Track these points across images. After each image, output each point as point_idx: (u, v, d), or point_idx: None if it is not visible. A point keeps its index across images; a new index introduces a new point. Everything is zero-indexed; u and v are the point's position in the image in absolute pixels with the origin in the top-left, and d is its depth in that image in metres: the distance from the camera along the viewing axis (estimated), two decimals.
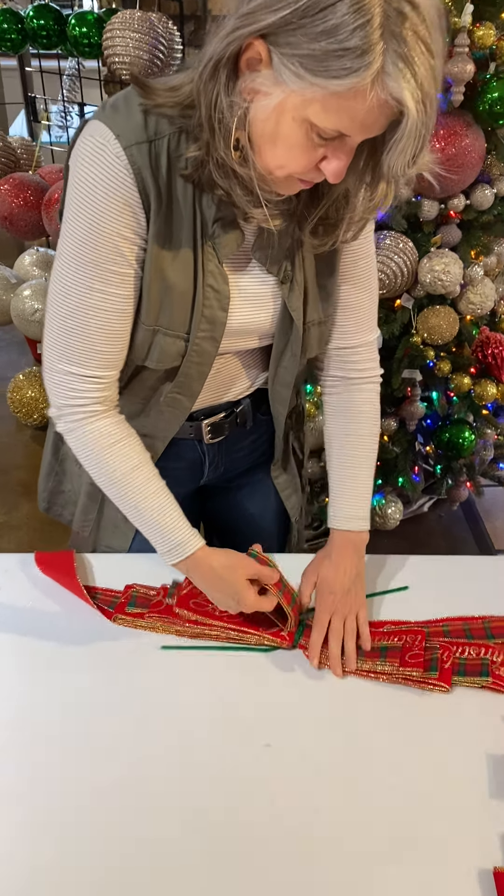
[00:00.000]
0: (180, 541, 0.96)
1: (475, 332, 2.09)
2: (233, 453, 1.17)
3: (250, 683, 0.97)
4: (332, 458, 1.09)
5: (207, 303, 0.89)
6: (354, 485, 1.08)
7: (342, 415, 1.09)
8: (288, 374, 1.02)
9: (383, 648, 0.99)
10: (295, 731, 0.90)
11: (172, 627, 1.03)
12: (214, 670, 0.98)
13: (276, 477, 1.20)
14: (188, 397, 0.99)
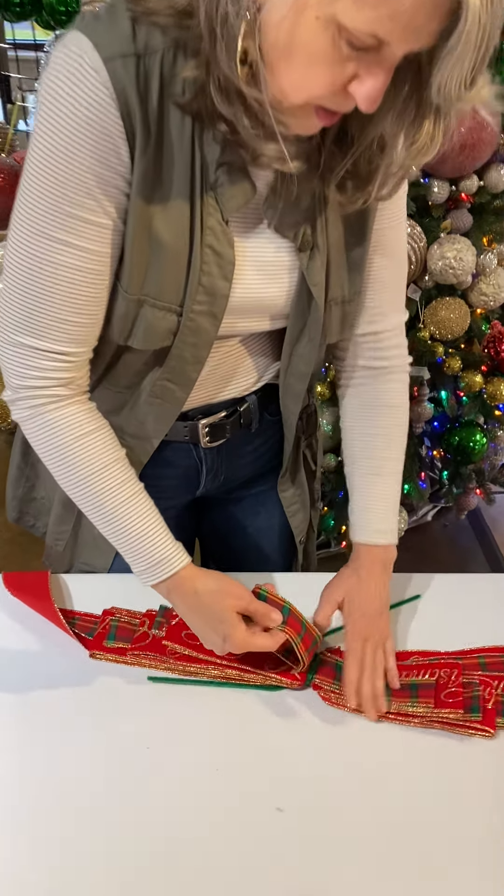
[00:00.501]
0: (161, 557, 0.82)
1: (485, 327, 1.96)
2: (235, 460, 1.01)
3: (254, 731, 0.82)
4: (357, 461, 0.95)
5: (206, 268, 0.74)
6: (385, 493, 0.94)
7: (368, 410, 0.95)
8: (303, 363, 0.87)
9: (413, 686, 0.85)
10: (313, 793, 0.75)
11: (160, 665, 0.88)
12: (211, 713, 0.83)
13: (283, 490, 1.05)
14: (182, 387, 0.83)
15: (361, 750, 0.80)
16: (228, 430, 0.95)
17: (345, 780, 0.77)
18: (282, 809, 0.74)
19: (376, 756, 0.79)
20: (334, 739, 0.81)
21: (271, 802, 0.74)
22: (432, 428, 1.99)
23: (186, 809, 0.74)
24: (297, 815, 0.73)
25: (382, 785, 0.76)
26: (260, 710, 0.84)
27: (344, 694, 0.83)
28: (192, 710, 0.84)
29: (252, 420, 0.97)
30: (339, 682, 0.85)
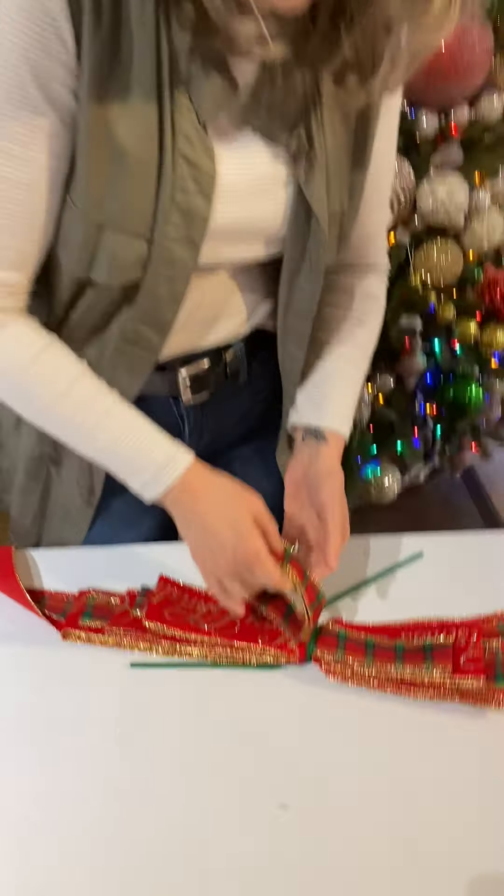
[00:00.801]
0: (164, 459, 0.72)
1: (478, 273, 1.85)
2: (222, 418, 0.92)
3: (250, 718, 0.73)
4: (333, 343, 0.86)
5: (181, 184, 0.63)
6: (357, 377, 0.86)
7: (349, 294, 0.87)
8: (306, 299, 0.77)
9: (427, 647, 0.76)
10: (318, 788, 0.67)
11: (142, 644, 0.79)
12: (201, 700, 0.74)
13: (280, 455, 0.94)
14: (157, 331, 0.73)
15: (371, 737, 0.72)
16: (213, 382, 0.85)
17: (353, 773, 0.68)
18: (286, 806, 0.66)
19: (387, 743, 0.71)
20: (339, 726, 0.73)
21: (273, 799, 0.66)
22: (425, 383, 1.90)
23: (176, 809, 0.65)
24: (301, 814, 0.65)
25: (394, 777, 0.68)
26: (255, 694, 0.76)
27: (327, 671, 0.75)
28: (179, 698, 0.75)
29: (239, 370, 0.87)
30: (342, 652, 0.76)
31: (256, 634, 0.78)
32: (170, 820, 0.64)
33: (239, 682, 0.76)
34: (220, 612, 0.81)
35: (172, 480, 0.73)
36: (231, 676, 0.77)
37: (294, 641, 0.78)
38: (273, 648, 0.77)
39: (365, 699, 0.75)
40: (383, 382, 1.81)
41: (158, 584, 0.83)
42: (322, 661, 0.77)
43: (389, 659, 0.76)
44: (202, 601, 0.82)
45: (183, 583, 0.84)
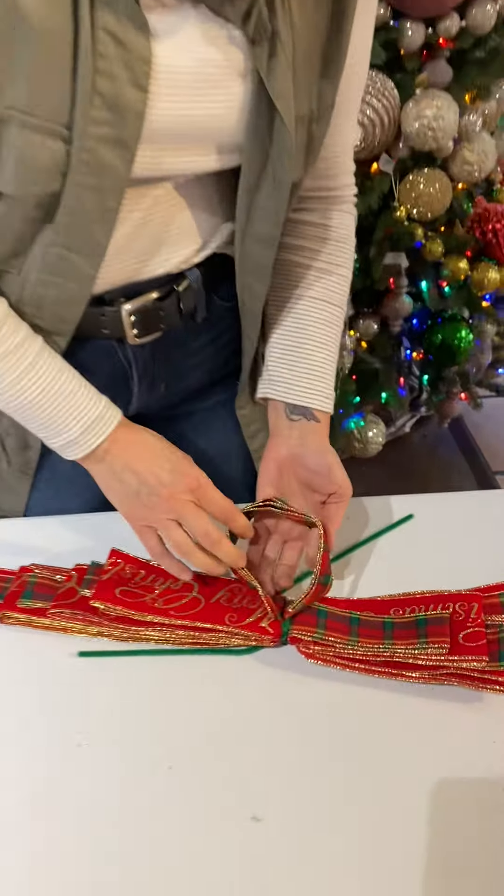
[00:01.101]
0: (95, 417, 0.64)
1: (468, 206, 1.73)
2: (177, 363, 0.80)
3: (217, 714, 0.63)
4: (305, 301, 0.76)
5: (104, 66, 0.51)
6: (336, 339, 0.77)
7: (316, 238, 0.76)
8: (268, 221, 0.65)
9: (421, 622, 0.66)
10: (299, 792, 0.57)
11: (92, 628, 0.68)
12: (160, 692, 0.64)
13: (240, 407, 0.84)
14: (87, 257, 0.61)
15: (358, 729, 0.62)
16: (164, 319, 0.73)
17: (337, 772, 0.59)
18: (259, 819, 0.56)
19: (377, 736, 0.62)
20: (320, 717, 0.63)
21: (244, 810, 0.56)
22: (411, 326, 1.79)
23: (134, 824, 0.56)
24: (277, 827, 0.55)
25: (385, 777, 0.59)
26: (224, 682, 0.66)
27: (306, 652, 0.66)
28: (136, 691, 0.65)
29: (196, 306, 0.75)
30: (323, 630, 0.66)
31: (223, 613, 0.68)
32: (126, 837, 0.55)
33: (205, 670, 0.66)
34: (181, 589, 0.70)
35: (100, 440, 0.65)
36: (196, 664, 0.67)
37: (267, 620, 0.68)
38: (243, 629, 0.67)
39: (350, 684, 0.65)
40: (366, 327, 1.70)
41: (109, 559, 0.72)
42: (300, 641, 0.66)
43: (377, 637, 0.66)
44: (160, 577, 0.72)
45: (139, 557, 0.73)
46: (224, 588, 0.71)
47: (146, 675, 0.66)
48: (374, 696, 0.64)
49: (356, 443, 1.85)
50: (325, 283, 0.76)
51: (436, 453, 2.26)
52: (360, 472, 2.13)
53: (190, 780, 0.58)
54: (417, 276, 1.73)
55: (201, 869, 0.53)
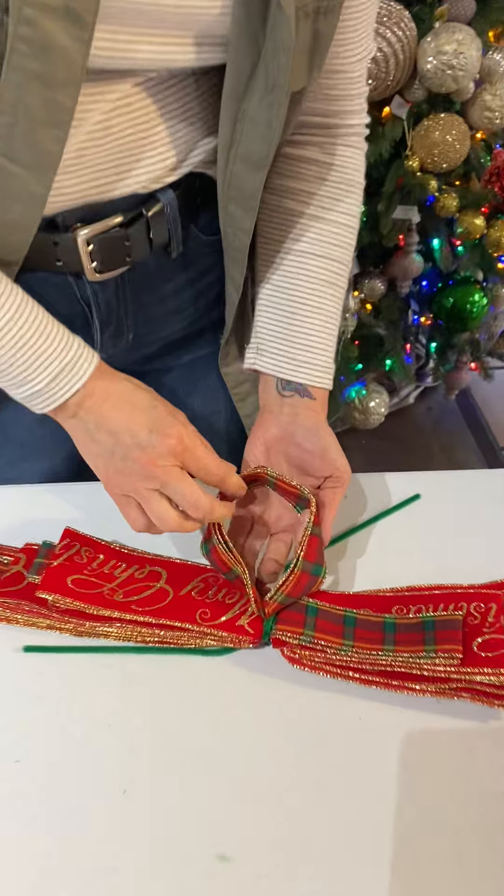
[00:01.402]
0: (67, 361, 0.53)
1: (486, 159, 1.60)
2: (148, 308, 0.68)
3: (183, 728, 0.53)
4: (305, 258, 0.65)
5: None
6: (338, 305, 0.66)
7: (318, 180, 0.64)
8: (258, 134, 0.53)
9: (428, 624, 0.56)
10: (277, 831, 0.48)
11: (41, 621, 0.58)
12: (119, 696, 0.55)
13: (225, 366, 0.73)
14: (33, 170, 0.49)
15: (351, 753, 0.52)
16: (130, 251, 0.61)
17: (323, 802, 0.49)
18: (227, 859, 0.46)
19: (374, 762, 0.52)
20: (306, 736, 0.53)
21: (211, 848, 0.47)
22: (420, 288, 1.67)
23: (77, 855, 0.46)
24: (248, 871, 0.46)
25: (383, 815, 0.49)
26: (193, 691, 0.56)
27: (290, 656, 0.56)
28: (90, 695, 0.55)
29: (170, 237, 0.63)
30: (311, 631, 0.56)
31: (194, 609, 0.58)
32: (69, 876, 0.45)
33: (171, 673, 0.56)
34: (146, 578, 0.60)
35: (72, 391, 0.53)
36: (160, 665, 0.57)
37: (246, 617, 0.57)
38: (217, 629, 0.57)
39: (343, 697, 0.55)
40: (372, 287, 1.58)
41: (62, 540, 0.62)
42: (285, 644, 0.56)
43: (376, 641, 0.56)
44: (122, 562, 0.61)
45: (98, 538, 0.63)
46: (197, 578, 0.61)
47: (102, 678, 0.56)
48: (370, 711, 0.54)
49: (356, 413, 1.74)
50: (326, 234, 0.64)
51: (440, 427, 2.16)
52: (360, 444, 2.04)
53: (147, 809, 0.49)
54: (429, 234, 1.60)
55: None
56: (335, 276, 0.65)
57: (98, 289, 0.62)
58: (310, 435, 0.62)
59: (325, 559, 0.59)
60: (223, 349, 0.71)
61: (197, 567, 0.62)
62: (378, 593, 0.61)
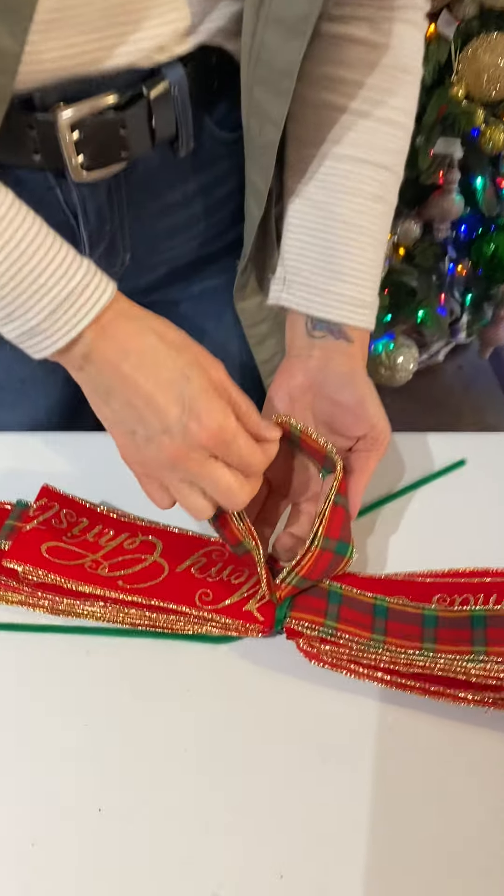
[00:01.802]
0: (72, 287, 0.41)
1: None
2: (148, 220, 0.57)
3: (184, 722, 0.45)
4: (343, 171, 0.53)
5: None
6: (382, 230, 0.54)
7: (364, 69, 0.51)
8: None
9: (477, 620, 0.47)
10: (287, 858, 0.39)
11: (11, 595, 0.49)
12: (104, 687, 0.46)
13: (241, 300, 0.63)
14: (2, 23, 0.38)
15: (380, 769, 0.43)
16: (127, 143, 0.49)
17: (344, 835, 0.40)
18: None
19: (407, 782, 0.43)
20: (325, 748, 0.44)
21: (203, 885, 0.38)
22: (458, 233, 1.54)
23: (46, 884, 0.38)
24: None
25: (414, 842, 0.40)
26: (191, 684, 0.46)
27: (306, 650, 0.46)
28: (65, 683, 0.46)
29: (179, 127, 0.51)
30: (334, 622, 0.47)
31: (194, 589, 0.49)
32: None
33: (163, 665, 0.47)
34: (137, 549, 0.51)
35: (82, 325, 0.42)
36: (151, 655, 0.48)
37: (255, 601, 0.48)
38: (220, 614, 0.47)
39: (370, 703, 0.46)
40: (406, 230, 1.46)
41: (37, 500, 0.52)
42: (301, 636, 0.47)
43: (413, 637, 0.46)
44: (109, 528, 0.52)
45: (83, 500, 0.53)
46: (198, 551, 0.51)
47: (80, 667, 0.47)
48: (403, 721, 0.45)
49: (383, 369, 1.63)
50: (375, 135, 0.52)
51: (471, 388, 2.04)
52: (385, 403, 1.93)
53: (125, 833, 0.40)
54: (472, 171, 1.47)
55: None
56: (385, 188, 0.53)
57: (87, 193, 0.51)
58: (343, 384, 0.51)
59: (352, 536, 0.49)
60: (239, 279, 0.60)
61: (199, 538, 0.52)
62: (416, 578, 0.51)
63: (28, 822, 0.41)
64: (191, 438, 0.42)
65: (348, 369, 0.52)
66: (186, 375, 0.42)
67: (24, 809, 0.41)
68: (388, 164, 0.53)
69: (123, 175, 0.51)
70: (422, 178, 1.40)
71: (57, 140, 0.46)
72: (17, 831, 0.41)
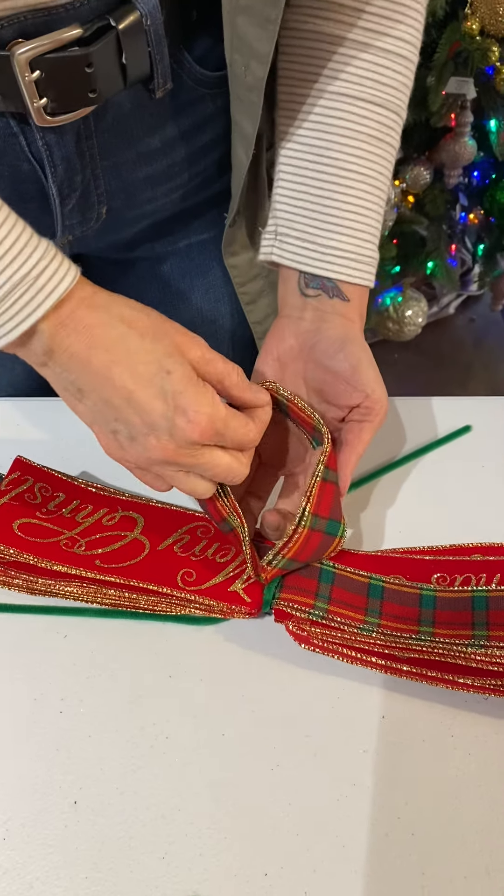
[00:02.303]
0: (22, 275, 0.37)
1: None
2: (126, 169, 0.53)
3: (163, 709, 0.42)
4: (339, 108, 0.48)
5: None
6: (383, 176, 0.50)
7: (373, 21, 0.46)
8: None
9: (480, 601, 0.44)
10: (266, 873, 0.37)
11: None
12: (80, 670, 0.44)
13: (231, 255, 0.58)
14: None
15: (370, 762, 0.41)
16: (94, 82, 0.44)
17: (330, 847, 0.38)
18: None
19: (400, 779, 0.40)
20: (314, 738, 0.42)
21: (182, 885, 0.36)
22: (470, 179, 1.49)
23: (18, 874, 0.36)
24: None
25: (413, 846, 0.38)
26: (167, 668, 0.44)
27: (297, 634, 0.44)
28: (39, 668, 0.44)
29: (154, 65, 0.46)
30: (325, 602, 0.44)
31: (176, 568, 0.46)
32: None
33: (143, 648, 0.45)
34: (116, 525, 0.48)
35: (35, 316, 0.37)
36: (131, 637, 0.45)
37: (242, 582, 0.45)
38: (204, 595, 0.45)
39: (363, 689, 0.43)
40: (415, 176, 1.41)
41: (10, 473, 0.49)
42: (290, 617, 0.44)
43: (410, 619, 0.44)
44: (88, 504, 0.49)
45: (59, 473, 0.50)
46: (182, 528, 0.48)
47: (54, 649, 0.45)
48: (397, 710, 0.42)
49: (390, 323, 1.59)
50: (375, 69, 0.48)
51: (483, 342, 2.00)
52: (391, 359, 1.89)
53: (100, 827, 0.38)
54: (486, 114, 1.41)
55: None
56: (385, 128, 0.48)
57: (53, 140, 0.47)
58: (336, 349, 0.47)
59: (343, 514, 0.46)
60: (228, 233, 0.56)
61: (183, 513, 0.49)
62: (414, 555, 0.48)
63: (0, 813, 0.39)
64: (180, 435, 0.39)
65: (342, 333, 0.48)
66: (166, 368, 0.39)
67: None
68: (388, 101, 0.48)
69: (93, 119, 0.47)
70: (432, 120, 1.34)
71: (15, 80, 0.42)
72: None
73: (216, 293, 0.63)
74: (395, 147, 0.50)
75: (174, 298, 0.64)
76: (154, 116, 0.50)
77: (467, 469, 0.55)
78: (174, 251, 0.62)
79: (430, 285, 1.71)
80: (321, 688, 0.44)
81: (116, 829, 0.39)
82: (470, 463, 0.55)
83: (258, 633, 0.45)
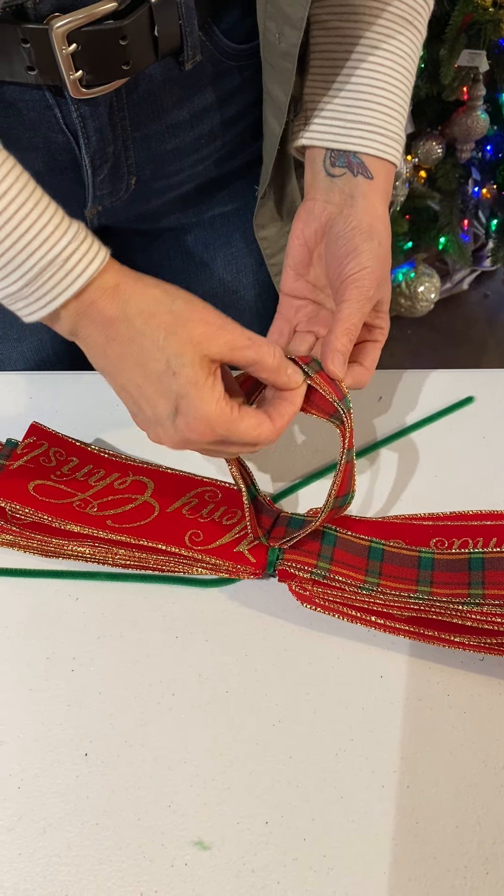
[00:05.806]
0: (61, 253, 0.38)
1: None
2: (156, 140, 0.54)
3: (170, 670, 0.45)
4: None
5: None
6: (412, 60, 0.49)
7: None
8: None
9: (476, 561, 0.46)
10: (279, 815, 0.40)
11: (2, 536, 0.49)
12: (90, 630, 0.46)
13: (261, 227, 0.59)
14: None
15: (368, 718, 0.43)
16: (127, 54, 0.46)
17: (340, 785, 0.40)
18: (207, 847, 0.38)
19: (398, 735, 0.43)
20: (316, 696, 0.44)
21: (185, 837, 0.38)
22: (483, 153, 1.48)
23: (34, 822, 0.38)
24: (226, 861, 0.38)
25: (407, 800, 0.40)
26: (174, 629, 0.46)
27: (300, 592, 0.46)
28: (54, 626, 0.46)
29: (184, 38, 0.48)
30: (327, 564, 0.46)
31: (184, 529, 0.48)
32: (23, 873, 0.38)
33: (152, 609, 0.47)
34: (127, 489, 0.50)
35: (61, 300, 0.39)
36: (139, 599, 0.48)
37: (247, 543, 0.47)
38: (211, 555, 0.47)
39: (362, 647, 0.45)
40: (427, 151, 1.41)
41: (26, 437, 0.52)
42: (293, 577, 0.46)
43: (408, 580, 0.46)
44: (100, 468, 0.51)
45: (73, 439, 0.53)
46: (190, 492, 0.50)
47: (68, 611, 0.47)
48: (396, 667, 0.45)
49: (403, 299, 1.60)
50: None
51: (496, 318, 1.99)
52: (404, 335, 1.89)
53: (111, 778, 0.41)
54: (499, 87, 1.40)
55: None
56: (414, 12, 0.48)
57: (87, 112, 0.48)
58: (353, 239, 0.46)
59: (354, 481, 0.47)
60: (260, 205, 0.57)
61: (192, 478, 0.51)
62: (414, 520, 0.50)
63: (15, 764, 0.41)
64: (182, 435, 0.41)
65: (359, 220, 0.47)
66: (172, 369, 0.39)
67: (9, 753, 0.42)
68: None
69: (125, 91, 0.48)
70: (444, 93, 1.34)
71: (52, 54, 0.44)
72: (1, 773, 0.41)
73: (238, 264, 0.64)
74: (422, 35, 0.50)
75: (197, 269, 0.66)
76: (183, 88, 0.52)
77: (469, 440, 0.56)
78: (198, 222, 0.63)
79: (442, 261, 1.71)
80: (322, 648, 0.46)
81: (125, 779, 0.41)
82: (472, 434, 0.57)
83: (261, 595, 0.48)
